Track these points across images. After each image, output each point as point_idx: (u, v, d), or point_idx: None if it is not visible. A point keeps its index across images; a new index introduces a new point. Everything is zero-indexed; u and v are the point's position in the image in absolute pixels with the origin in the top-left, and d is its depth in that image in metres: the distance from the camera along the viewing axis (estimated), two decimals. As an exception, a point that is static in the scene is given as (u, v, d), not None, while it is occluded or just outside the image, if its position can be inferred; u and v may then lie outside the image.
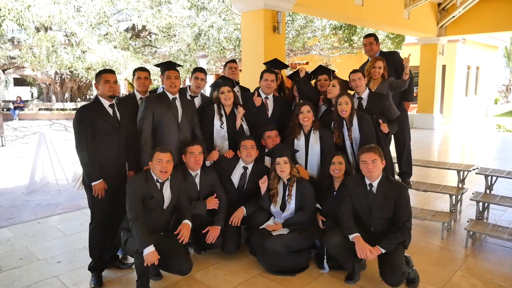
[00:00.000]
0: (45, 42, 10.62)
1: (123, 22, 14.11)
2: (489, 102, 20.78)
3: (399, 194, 3.02)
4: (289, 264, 3.37)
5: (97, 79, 3.22)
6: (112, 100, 3.25)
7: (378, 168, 3.03)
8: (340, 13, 7.98)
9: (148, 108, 3.52)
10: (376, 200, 3.07)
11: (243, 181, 3.75)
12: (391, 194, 3.03)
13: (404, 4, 10.01)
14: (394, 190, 3.04)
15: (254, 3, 5.98)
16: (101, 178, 3.12)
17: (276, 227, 3.50)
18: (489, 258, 3.68)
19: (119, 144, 3.25)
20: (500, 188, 4.99)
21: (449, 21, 11.78)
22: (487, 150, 9.80)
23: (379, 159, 3.02)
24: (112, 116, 3.21)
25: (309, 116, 3.65)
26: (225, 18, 11.10)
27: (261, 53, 6.03)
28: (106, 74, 3.20)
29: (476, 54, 17.56)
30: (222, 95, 3.82)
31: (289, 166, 3.42)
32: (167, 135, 3.57)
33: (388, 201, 3.03)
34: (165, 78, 3.62)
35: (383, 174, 3.10)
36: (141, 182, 3.09)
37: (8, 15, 9.25)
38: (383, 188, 3.06)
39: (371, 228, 3.12)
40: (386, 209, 3.05)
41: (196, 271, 3.42)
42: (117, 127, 3.23)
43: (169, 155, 3.11)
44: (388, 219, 3.07)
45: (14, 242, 4.11)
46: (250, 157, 3.65)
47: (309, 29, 11.91)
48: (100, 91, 3.21)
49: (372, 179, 3.07)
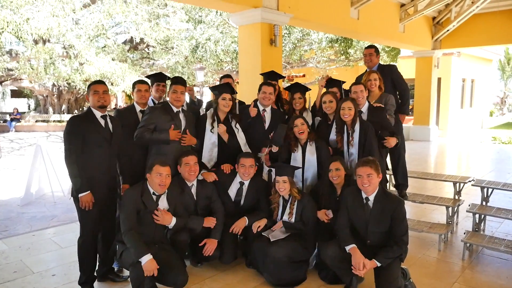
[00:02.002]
0: (43, 54, 10.67)
1: (121, 34, 14.22)
2: (485, 114, 20.95)
3: (395, 208, 3.01)
4: (288, 276, 3.35)
5: (88, 91, 3.22)
6: (104, 111, 3.21)
7: (373, 182, 3.01)
8: (336, 27, 8.08)
9: (152, 118, 3.55)
10: (373, 215, 3.06)
11: (239, 196, 3.74)
12: (387, 209, 3.02)
13: (399, 18, 10.17)
14: (391, 204, 3.03)
15: (251, 17, 6.05)
16: (88, 190, 3.06)
17: (276, 226, 3.51)
18: (486, 270, 3.68)
19: (110, 156, 3.22)
20: (496, 200, 5.01)
21: (444, 34, 11.95)
22: (483, 162, 9.84)
23: (375, 173, 3.00)
24: (103, 128, 3.19)
25: (303, 129, 3.68)
26: (223, 31, 11.21)
27: (258, 66, 6.09)
28: (94, 85, 3.18)
29: (471, 67, 17.77)
30: (223, 101, 3.83)
31: (288, 186, 3.43)
32: (168, 146, 3.57)
33: (384, 215, 3.03)
34: (171, 92, 3.64)
35: (379, 187, 3.08)
36: (137, 195, 3.08)
37: (7, 27, 9.31)
38: (380, 203, 3.05)
39: (367, 241, 3.10)
40: (382, 223, 3.04)
41: (192, 283, 3.39)
42: (109, 139, 3.19)
43: (168, 169, 3.12)
44: (384, 233, 3.06)
45: (9, 255, 4.07)
46: (248, 176, 3.66)
47: (306, 42, 12.04)
48: (91, 102, 3.19)
49: (368, 193, 3.06)
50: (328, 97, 3.85)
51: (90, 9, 11.32)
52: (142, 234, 3.07)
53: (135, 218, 3.04)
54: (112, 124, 3.25)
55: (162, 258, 3.04)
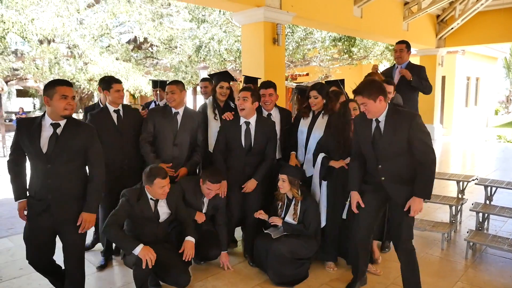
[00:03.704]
0: (48, 54, 10.72)
1: (125, 34, 14.26)
2: (490, 112, 20.83)
3: (411, 123, 2.71)
4: (290, 273, 3.37)
5: (50, 93, 2.57)
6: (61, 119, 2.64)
7: (371, 109, 2.75)
8: (339, 25, 8.07)
9: (150, 119, 3.65)
10: (385, 137, 2.78)
11: (249, 139, 3.63)
12: (401, 126, 2.73)
13: (403, 16, 10.13)
14: (403, 119, 2.73)
15: (254, 16, 6.06)
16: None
17: (277, 221, 3.51)
18: (489, 269, 3.67)
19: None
20: (500, 199, 5.00)
21: (448, 32, 11.89)
22: (487, 160, 9.80)
23: (369, 100, 2.72)
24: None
25: (315, 102, 3.65)
26: (226, 30, 11.23)
27: (261, 65, 6.10)
28: (62, 87, 2.57)
29: (476, 65, 17.66)
30: (220, 89, 3.97)
31: (287, 185, 3.43)
32: (162, 149, 3.65)
33: (398, 133, 2.74)
34: (166, 93, 3.76)
35: (389, 106, 2.80)
36: (133, 200, 3.07)
37: (12, 28, 9.37)
38: (390, 121, 2.76)
39: (381, 178, 2.87)
40: (395, 144, 2.75)
41: (195, 281, 3.42)
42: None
43: (168, 179, 3.10)
44: (399, 161, 2.79)
45: (15, 252, 4.11)
46: (244, 111, 3.56)
47: (309, 40, 12.02)
48: (57, 107, 2.58)
49: (376, 115, 2.81)
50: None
51: (94, 9, 11.37)
52: (144, 235, 3.09)
53: (124, 219, 3.09)
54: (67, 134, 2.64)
55: (166, 256, 3.07)
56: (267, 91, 3.92)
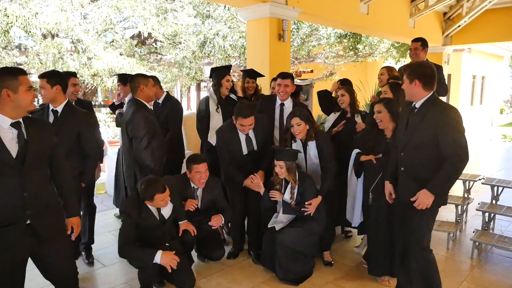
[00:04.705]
0: (52, 48, 10.71)
1: (129, 29, 14.23)
2: (495, 112, 20.69)
3: (441, 115, 2.52)
4: (297, 270, 3.36)
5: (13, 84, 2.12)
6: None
7: (407, 88, 2.63)
8: (345, 22, 8.00)
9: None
10: (412, 124, 2.65)
11: (250, 145, 3.65)
12: (431, 116, 2.55)
13: (410, 13, 10.03)
14: (437, 111, 2.54)
15: (259, 12, 6.01)
16: None
17: (278, 196, 3.45)
18: (495, 269, 3.64)
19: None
20: (507, 199, 4.95)
21: (455, 30, 11.78)
22: (492, 160, 9.73)
23: (407, 80, 2.62)
24: None
25: (299, 129, 3.47)
26: (231, 26, 11.16)
27: (267, 61, 6.05)
28: (24, 77, 2.14)
29: (482, 64, 17.54)
30: (227, 82, 4.07)
31: (284, 171, 3.37)
32: None
33: (425, 124, 2.57)
34: None
35: (430, 96, 2.61)
36: (135, 214, 2.99)
37: (16, 22, 9.35)
38: (423, 108, 2.60)
39: (401, 168, 2.75)
40: (420, 132, 2.59)
41: (199, 278, 3.40)
42: None
43: (168, 192, 3.02)
44: (419, 157, 2.62)
45: None
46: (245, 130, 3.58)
47: (314, 37, 11.93)
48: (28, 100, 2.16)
49: (412, 99, 2.67)
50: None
51: (98, 3, 11.34)
52: (151, 239, 3.06)
53: (133, 232, 3.00)
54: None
55: None
56: (284, 81, 3.91)
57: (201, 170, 3.38)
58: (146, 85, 3.37)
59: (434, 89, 2.63)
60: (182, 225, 3.31)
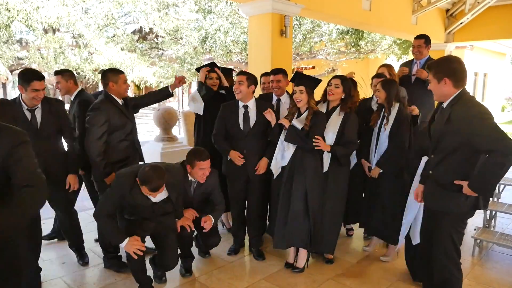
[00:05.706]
0: (53, 43, 10.70)
1: (130, 24, 14.21)
2: (496, 109, 20.65)
3: (465, 115, 2.25)
4: (304, 234, 3.36)
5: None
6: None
7: (435, 88, 2.45)
8: (347, 18, 7.97)
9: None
10: (436, 124, 2.47)
11: (247, 122, 3.60)
12: (455, 114, 2.30)
13: (412, 9, 9.99)
14: (463, 112, 2.27)
15: (261, 7, 5.98)
16: None
17: (286, 122, 3.38)
18: (496, 267, 3.64)
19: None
20: (508, 196, 4.94)
21: (457, 27, 11.73)
22: (494, 157, 9.71)
23: (435, 79, 2.42)
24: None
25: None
26: (232, 21, 11.13)
27: (268, 57, 6.03)
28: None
29: (484, 61, 17.49)
30: (210, 80, 4.03)
31: (305, 96, 3.32)
32: None
33: (448, 125, 2.34)
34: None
35: (458, 93, 2.36)
36: (126, 189, 2.92)
37: (17, 16, 9.33)
38: (448, 109, 2.37)
39: (429, 171, 2.55)
40: (446, 135, 2.37)
41: (200, 274, 3.41)
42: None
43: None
44: (447, 162, 2.39)
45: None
46: (240, 95, 3.57)
47: (316, 33, 11.90)
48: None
49: (440, 99, 2.47)
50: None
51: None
52: (140, 212, 3.05)
53: (116, 205, 2.98)
54: None
55: (159, 235, 3.16)
56: (276, 77, 3.91)
57: (205, 166, 3.34)
58: (115, 82, 3.34)
59: (465, 85, 2.39)
60: (179, 221, 3.26)
